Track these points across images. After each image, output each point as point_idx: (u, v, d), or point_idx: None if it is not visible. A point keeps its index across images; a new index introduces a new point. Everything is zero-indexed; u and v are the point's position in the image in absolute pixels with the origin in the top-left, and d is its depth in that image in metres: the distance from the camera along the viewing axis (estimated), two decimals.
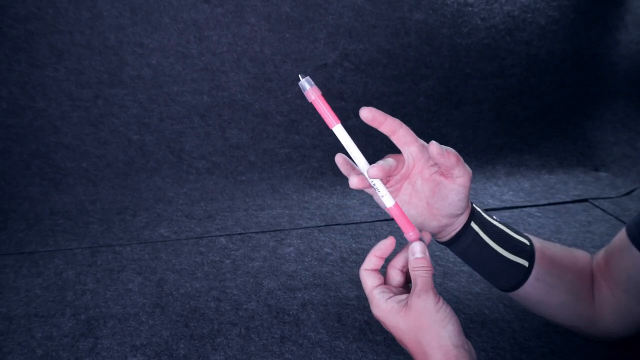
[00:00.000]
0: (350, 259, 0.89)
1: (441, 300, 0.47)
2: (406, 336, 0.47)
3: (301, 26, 1.15)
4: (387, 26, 1.19)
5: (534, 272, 0.56)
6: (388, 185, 0.51)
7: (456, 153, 0.47)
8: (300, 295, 0.79)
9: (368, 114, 0.48)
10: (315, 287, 0.81)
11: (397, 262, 0.51)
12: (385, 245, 0.51)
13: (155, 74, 1.11)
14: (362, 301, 0.78)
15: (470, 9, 1.22)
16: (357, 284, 0.82)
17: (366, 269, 0.51)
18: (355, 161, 0.49)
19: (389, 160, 0.48)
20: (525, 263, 0.55)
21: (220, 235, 0.96)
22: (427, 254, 0.48)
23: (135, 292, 0.79)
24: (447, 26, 1.22)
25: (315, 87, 0.47)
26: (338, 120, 0.49)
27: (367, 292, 0.50)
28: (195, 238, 0.95)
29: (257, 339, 0.69)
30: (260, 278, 0.83)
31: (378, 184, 0.48)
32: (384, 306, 0.48)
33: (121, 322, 0.72)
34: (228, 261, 0.88)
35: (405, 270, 0.51)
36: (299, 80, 0.48)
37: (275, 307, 0.76)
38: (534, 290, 0.57)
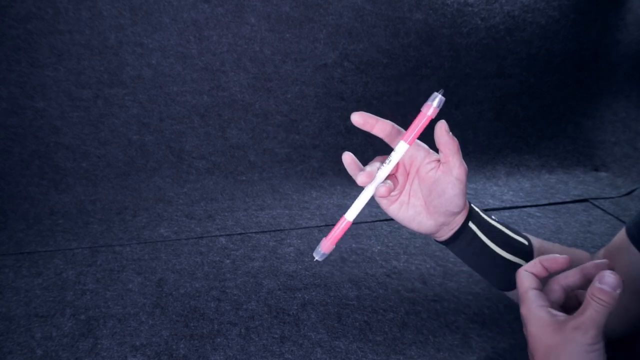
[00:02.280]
0: (350, 259, 0.89)
1: (600, 343, 0.40)
2: (540, 351, 0.42)
3: (301, 26, 1.15)
4: (387, 26, 1.19)
5: None
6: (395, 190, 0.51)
7: (458, 143, 0.49)
8: (300, 295, 0.79)
9: (359, 119, 0.48)
10: (315, 287, 0.81)
11: (564, 279, 0.45)
12: (557, 260, 0.45)
13: (155, 74, 1.11)
14: (362, 301, 0.78)
15: (470, 8, 1.22)
16: (357, 284, 0.82)
17: (527, 270, 0.46)
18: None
19: (387, 182, 0.49)
20: (523, 263, 0.55)
21: (220, 235, 0.96)
22: (619, 290, 0.41)
23: (135, 292, 0.79)
24: (447, 26, 1.22)
25: (326, 245, 0.50)
26: (343, 220, 0.50)
27: (522, 291, 0.45)
28: (195, 238, 0.95)
29: (257, 339, 0.69)
30: (260, 278, 0.83)
31: (380, 172, 0.49)
32: (535, 312, 0.43)
33: (121, 322, 0.72)
34: (228, 261, 0.88)
35: (569, 290, 0.45)
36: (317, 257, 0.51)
37: (275, 307, 0.76)
38: None
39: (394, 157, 0.48)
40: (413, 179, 0.52)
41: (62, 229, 0.98)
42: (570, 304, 0.46)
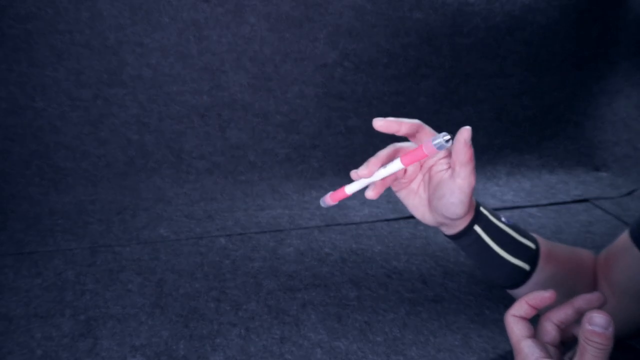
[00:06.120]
0: (350, 259, 0.89)
1: None
2: None
3: (301, 26, 1.15)
4: (387, 26, 1.19)
5: (534, 276, 0.56)
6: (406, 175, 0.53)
7: (472, 154, 0.48)
8: (300, 295, 0.79)
9: (382, 125, 0.48)
10: (315, 287, 0.81)
11: (556, 316, 0.44)
12: (543, 297, 0.43)
13: (155, 74, 1.11)
14: (362, 301, 0.77)
15: (470, 8, 1.22)
16: (357, 284, 0.82)
17: (514, 315, 0.44)
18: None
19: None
20: (527, 267, 0.55)
21: (220, 236, 0.96)
22: (611, 328, 0.37)
23: (135, 292, 0.79)
24: (447, 26, 1.22)
25: (328, 198, 0.53)
26: (343, 190, 0.52)
27: (514, 342, 0.43)
28: (195, 238, 0.95)
29: (257, 339, 0.69)
30: (260, 278, 0.83)
31: (383, 171, 0.49)
32: None
33: (121, 322, 0.72)
34: (228, 261, 0.88)
35: (563, 326, 0.44)
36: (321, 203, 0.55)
37: (275, 307, 0.76)
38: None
39: (387, 171, 0.48)
40: (425, 172, 0.53)
41: (62, 229, 0.98)
42: (564, 337, 0.45)
